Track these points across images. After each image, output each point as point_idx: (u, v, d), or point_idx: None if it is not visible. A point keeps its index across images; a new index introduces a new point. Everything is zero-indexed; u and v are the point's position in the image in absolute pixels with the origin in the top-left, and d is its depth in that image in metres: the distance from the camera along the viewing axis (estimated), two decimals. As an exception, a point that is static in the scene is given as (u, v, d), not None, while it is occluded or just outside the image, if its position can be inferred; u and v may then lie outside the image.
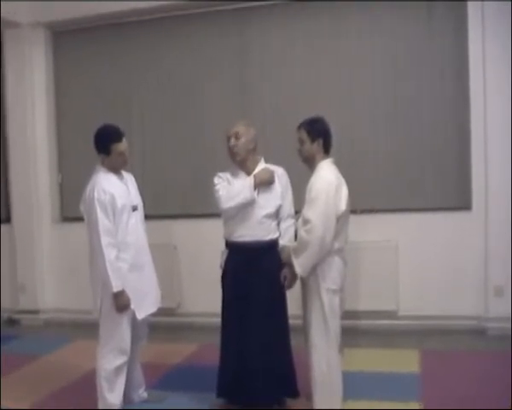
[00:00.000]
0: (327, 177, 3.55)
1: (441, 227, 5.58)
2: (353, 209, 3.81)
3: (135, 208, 3.79)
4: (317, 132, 3.63)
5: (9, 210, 6.76)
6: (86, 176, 3.82)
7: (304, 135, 3.65)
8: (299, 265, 3.52)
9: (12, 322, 6.66)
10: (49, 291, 6.66)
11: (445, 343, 5.20)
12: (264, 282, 3.70)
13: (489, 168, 5.38)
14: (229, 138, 3.76)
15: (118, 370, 3.72)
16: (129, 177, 3.93)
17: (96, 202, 3.59)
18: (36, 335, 6.19)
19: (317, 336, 3.56)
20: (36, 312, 6.63)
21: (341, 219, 3.53)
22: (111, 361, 3.70)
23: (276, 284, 3.72)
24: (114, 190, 3.67)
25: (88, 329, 6.17)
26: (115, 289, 3.59)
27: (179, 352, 5.22)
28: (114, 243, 3.62)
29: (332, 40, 5.83)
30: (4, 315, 6.67)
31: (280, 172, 3.83)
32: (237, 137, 3.73)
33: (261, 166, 3.82)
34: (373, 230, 5.63)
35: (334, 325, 3.56)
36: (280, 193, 3.78)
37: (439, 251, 5.55)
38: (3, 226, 6.76)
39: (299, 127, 3.70)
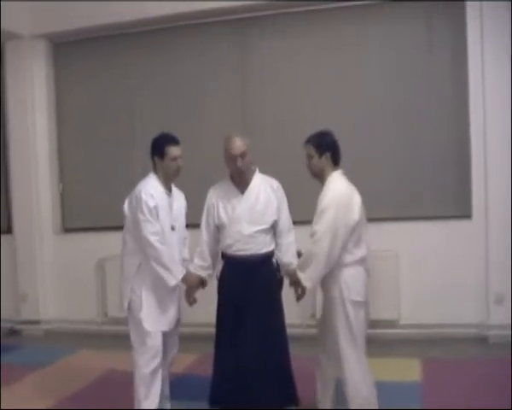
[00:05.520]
0: (337, 188, 3.51)
1: (442, 236, 5.59)
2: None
3: (173, 228, 3.76)
4: (325, 146, 3.58)
5: (11, 221, 6.76)
6: (87, 187, 3.83)
7: (311, 150, 3.60)
8: (307, 278, 3.47)
9: (13, 332, 6.65)
10: (51, 302, 6.66)
11: (447, 352, 5.20)
12: (261, 293, 3.72)
13: (489, 177, 5.40)
14: (235, 159, 3.67)
15: (153, 373, 3.66)
16: (180, 195, 3.92)
17: (144, 204, 3.58)
18: (37, 345, 6.18)
19: (347, 348, 3.48)
20: (37, 322, 6.62)
21: (358, 228, 3.48)
22: (146, 365, 3.64)
23: (272, 294, 3.75)
24: (159, 203, 3.66)
25: (89, 339, 6.16)
26: (180, 275, 3.61)
27: (180, 362, 5.20)
28: (162, 242, 3.61)
29: (332, 51, 5.87)
30: (6, 326, 6.64)
31: (275, 186, 3.83)
32: (243, 156, 3.68)
33: (257, 176, 3.81)
34: (373, 239, 5.60)
35: (362, 336, 3.51)
36: (276, 208, 3.77)
37: (439, 260, 5.56)
38: (5, 237, 6.75)
39: (307, 142, 3.64)
